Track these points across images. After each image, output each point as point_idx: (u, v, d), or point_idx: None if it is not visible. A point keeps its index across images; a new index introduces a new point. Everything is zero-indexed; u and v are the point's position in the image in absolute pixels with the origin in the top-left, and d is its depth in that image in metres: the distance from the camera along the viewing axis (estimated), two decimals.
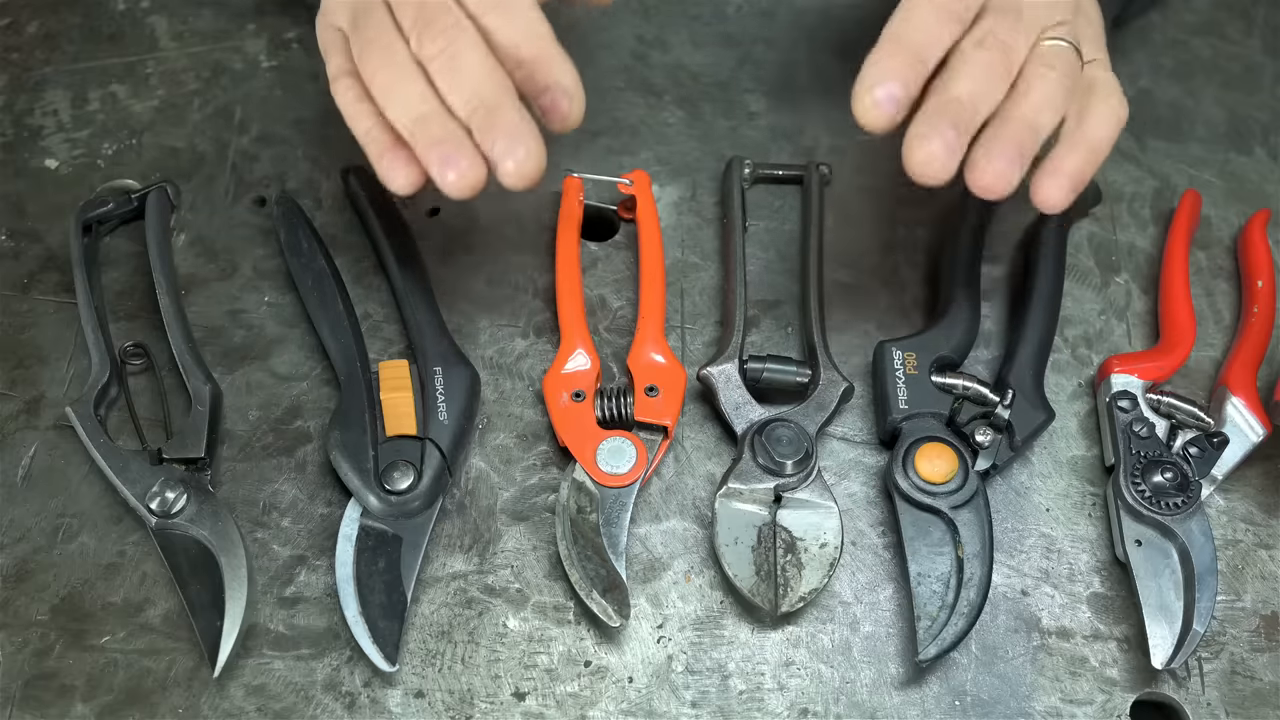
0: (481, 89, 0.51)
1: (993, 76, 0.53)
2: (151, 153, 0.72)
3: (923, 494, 0.59)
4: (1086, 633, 0.59)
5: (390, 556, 0.58)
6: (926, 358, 0.63)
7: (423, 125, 0.52)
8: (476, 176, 0.51)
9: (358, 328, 0.64)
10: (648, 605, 0.59)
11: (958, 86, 0.52)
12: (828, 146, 0.73)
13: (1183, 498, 0.59)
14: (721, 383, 0.62)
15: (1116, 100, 0.57)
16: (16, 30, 0.77)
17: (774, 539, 0.58)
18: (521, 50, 0.52)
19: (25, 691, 0.55)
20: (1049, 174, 0.54)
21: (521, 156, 0.51)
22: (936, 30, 0.53)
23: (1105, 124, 0.56)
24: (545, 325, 0.67)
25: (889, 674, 0.58)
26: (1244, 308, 0.68)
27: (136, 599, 0.58)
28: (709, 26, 0.79)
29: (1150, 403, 0.62)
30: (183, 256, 0.68)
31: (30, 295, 0.66)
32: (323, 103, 0.73)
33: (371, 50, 0.53)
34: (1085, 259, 0.71)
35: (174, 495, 0.58)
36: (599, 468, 0.60)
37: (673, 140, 0.74)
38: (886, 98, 0.51)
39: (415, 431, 0.60)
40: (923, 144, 0.51)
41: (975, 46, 0.53)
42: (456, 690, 0.56)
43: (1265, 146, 0.76)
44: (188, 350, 0.62)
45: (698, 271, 0.69)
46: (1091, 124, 0.56)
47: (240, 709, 0.55)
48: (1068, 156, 0.55)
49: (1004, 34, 0.53)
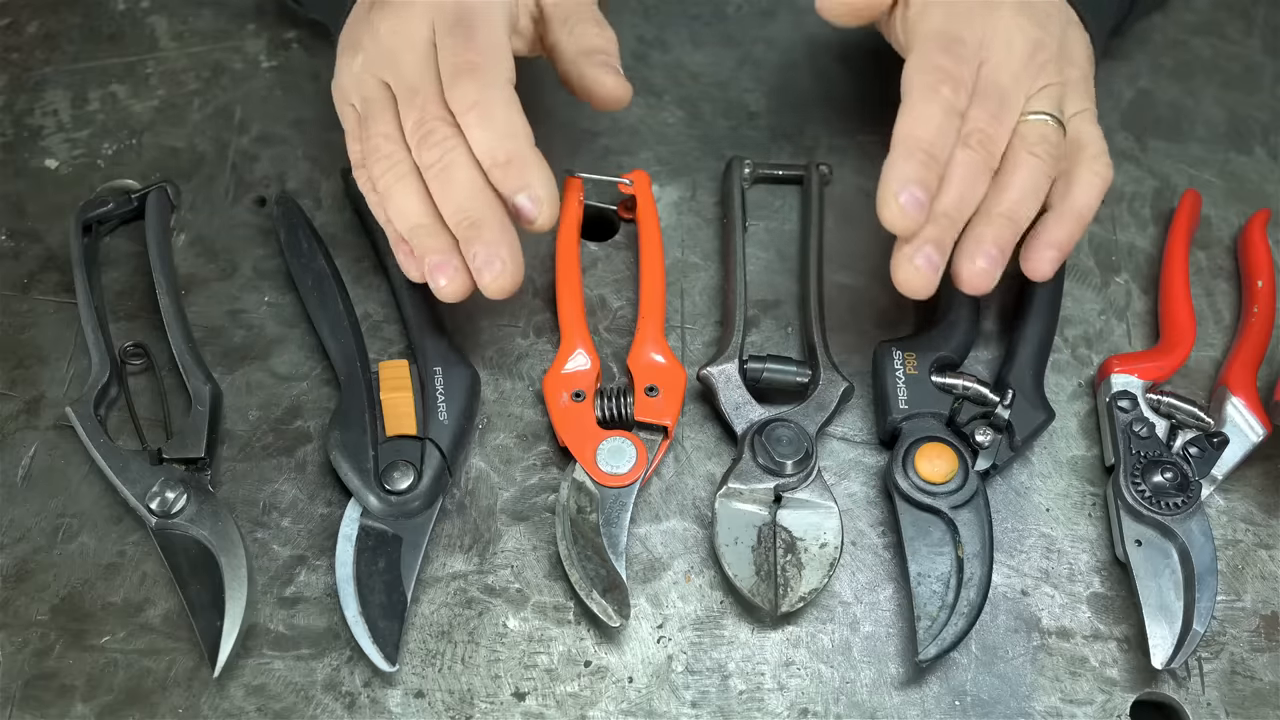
0: (467, 204, 0.56)
1: (976, 178, 0.56)
2: (151, 153, 0.72)
3: (923, 494, 0.59)
4: (1086, 633, 0.59)
5: (390, 556, 0.58)
6: (926, 358, 0.63)
7: (416, 235, 0.58)
8: (463, 284, 0.57)
9: (358, 328, 0.64)
10: (648, 605, 0.59)
11: (944, 198, 0.55)
12: (828, 146, 0.73)
13: (1183, 498, 0.59)
14: (721, 383, 0.62)
15: (1101, 164, 0.59)
16: (16, 30, 0.77)
17: (774, 539, 0.58)
18: (497, 154, 0.56)
19: (25, 691, 0.55)
20: (1038, 248, 0.58)
21: (498, 270, 0.56)
22: (944, 128, 0.55)
23: (1090, 191, 0.59)
24: (545, 325, 0.67)
25: (889, 674, 0.58)
26: (1244, 308, 0.68)
27: (136, 599, 0.58)
28: (709, 26, 0.79)
29: (1150, 403, 0.62)
30: (183, 256, 0.68)
31: (30, 295, 0.66)
32: (323, 103, 0.73)
33: (376, 157, 0.58)
34: (1085, 259, 0.71)
35: (174, 495, 0.58)
36: (599, 468, 0.60)
37: (673, 140, 0.74)
38: (911, 202, 0.54)
39: (415, 431, 0.60)
40: (908, 263, 0.55)
41: (961, 147, 0.55)
42: (456, 690, 0.56)
43: (1265, 146, 0.76)
44: (188, 350, 0.62)
45: (698, 271, 0.69)
46: (1077, 193, 0.59)
47: (240, 709, 0.55)
48: (1056, 229, 0.58)
49: (987, 125, 0.56)
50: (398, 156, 0.58)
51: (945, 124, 0.55)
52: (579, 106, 0.74)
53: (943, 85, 0.55)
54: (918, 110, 0.55)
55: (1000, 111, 0.56)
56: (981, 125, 0.55)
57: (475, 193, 0.56)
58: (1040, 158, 0.56)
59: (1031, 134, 0.57)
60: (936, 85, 0.55)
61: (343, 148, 0.62)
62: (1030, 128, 0.57)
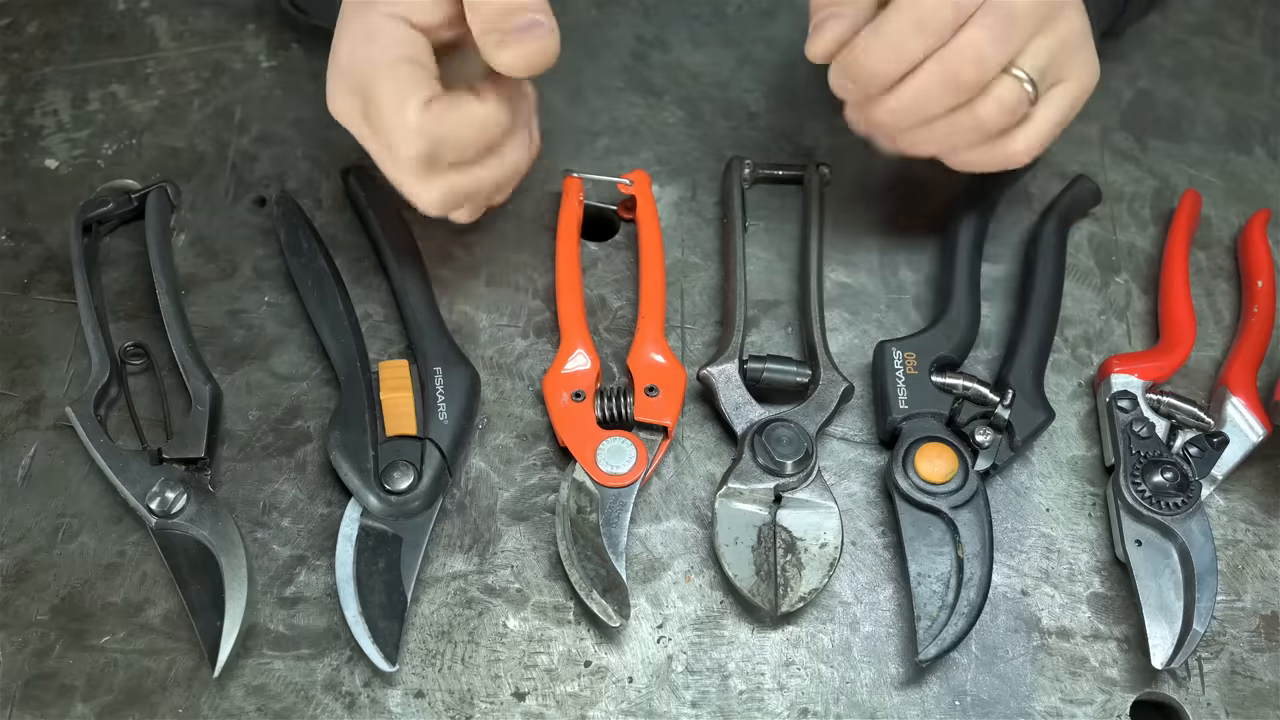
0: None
1: (943, 95, 0.55)
2: (151, 153, 0.72)
3: (923, 494, 0.59)
4: (1086, 633, 0.59)
5: (390, 556, 0.58)
6: (926, 358, 0.63)
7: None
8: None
9: (358, 328, 0.64)
10: (648, 605, 0.59)
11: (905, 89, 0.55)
12: (828, 146, 0.73)
13: (1183, 498, 0.59)
14: (721, 383, 0.62)
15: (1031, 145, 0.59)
16: (16, 30, 0.77)
17: (774, 539, 0.58)
18: None
19: (25, 691, 0.55)
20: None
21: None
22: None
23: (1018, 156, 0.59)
24: (545, 325, 0.67)
25: (889, 674, 0.58)
26: (1244, 308, 0.68)
27: (136, 599, 0.58)
28: (709, 26, 0.79)
29: (1150, 403, 0.62)
30: (183, 256, 0.68)
31: (30, 295, 0.66)
32: (323, 103, 0.73)
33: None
34: (1085, 259, 0.71)
35: (174, 495, 0.58)
36: (599, 468, 0.60)
37: (673, 140, 0.74)
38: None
39: (415, 431, 0.60)
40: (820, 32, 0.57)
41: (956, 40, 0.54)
42: (456, 690, 0.56)
43: (1265, 146, 0.76)
44: (188, 350, 0.62)
45: (698, 271, 0.69)
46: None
47: (240, 709, 0.55)
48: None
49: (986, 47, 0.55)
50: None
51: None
52: (579, 106, 0.74)
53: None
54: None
55: (1007, 34, 0.54)
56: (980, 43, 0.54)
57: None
58: (1001, 117, 0.56)
59: (1009, 95, 0.55)
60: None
61: (343, 148, 0.62)
62: (1009, 88, 0.55)
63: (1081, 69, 0.59)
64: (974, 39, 0.54)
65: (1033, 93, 0.56)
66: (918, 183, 0.71)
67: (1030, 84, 0.56)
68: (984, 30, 0.54)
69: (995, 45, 0.54)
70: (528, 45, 0.54)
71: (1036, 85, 0.56)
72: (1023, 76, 0.55)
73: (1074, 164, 0.73)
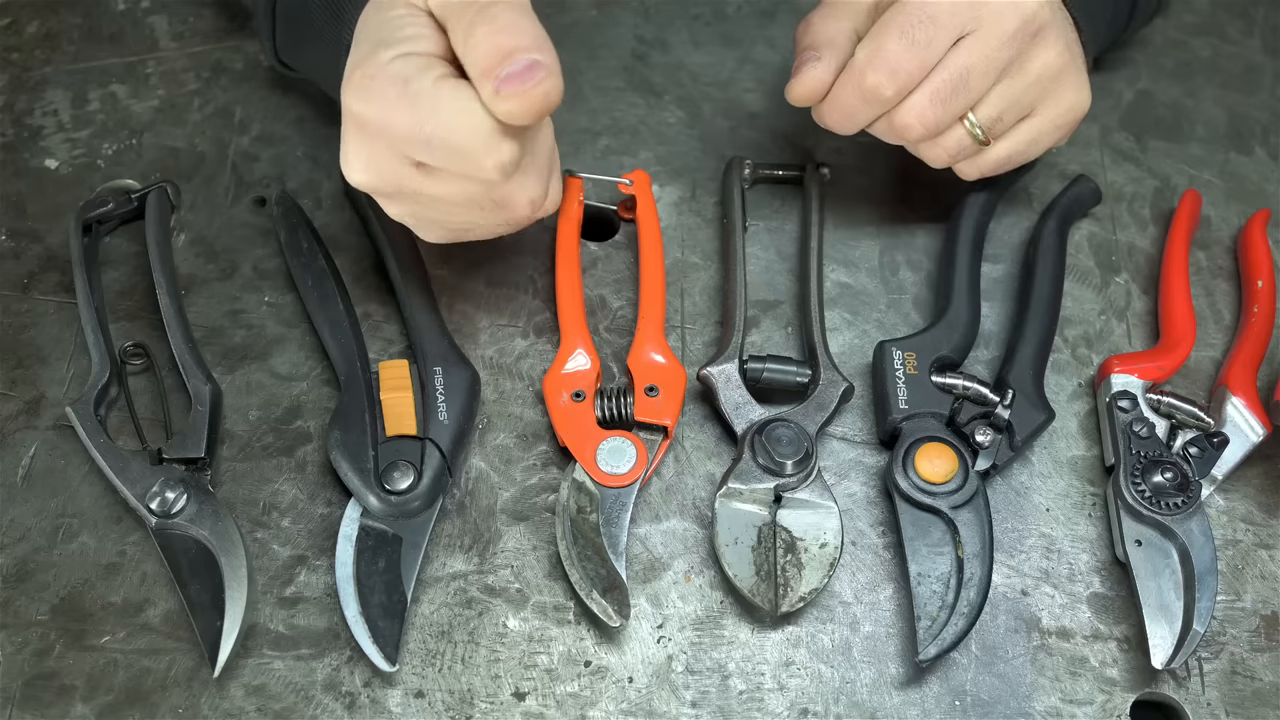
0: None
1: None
2: (151, 153, 0.72)
3: (923, 494, 0.59)
4: (1086, 633, 0.59)
5: (390, 556, 0.58)
6: (926, 358, 0.63)
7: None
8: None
9: (358, 328, 0.64)
10: (648, 605, 0.59)
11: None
12: (828, 146, 0.73)
13: (1183, 498, 0.59)
14: (721, 383, 0.62)
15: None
16: (16, 30, 0.77)
17: (774, 539, 0.58)
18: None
19: (25, 691, 0.55)
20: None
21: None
22: (911, 65, 0.57)
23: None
24: (545, 325, 0.67)
25: (889, 674, 0.58)
26: (1244, 308, 0.68)
27: (136, 599, 0.58)
28: (709, 26, 0.79)
29: (1150, 403, 0.62)
30: (183, 256, 0.68)
31: (30, 295, 0.66)
32: (323, 103, 0.73)
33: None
34: (1085, 259, 0.71)
35: (174, 495, 0.58)
36: (599, 468, 0.60)
37: (673, 140, 0.74)
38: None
39: (415, 431, 0.60)
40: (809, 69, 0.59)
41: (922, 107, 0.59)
42: (456, 690, 0.56)
43: (1265, 146, 0.76)
44: (188, 350, 0.62)
45: (698, 271, 0.69)
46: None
47: (240, 709, 0.55)
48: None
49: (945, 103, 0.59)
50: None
51: (910, 59, 0.57)
52: (578, 106, 0.74)
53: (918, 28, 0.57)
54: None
55: (954, 95, 0.58)
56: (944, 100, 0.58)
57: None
58: (949, 160, 0.61)
59: (954, 144, 0.60)
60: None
61: None
62: (956, 138, 0.60)
63: (1055, 101, 0.61)
64: (916, 105, 0.58)
65: (982, 137, 0.60)
66: (918, 183, 0.71)
67: (980, 130, 0.60)
68: (928, 96, 0.58)
69: (941, 106, 0.58)
70: (529, 92, 0.49)
71: (988, 131, 0.60)
72: (973, 125, 0.60)
73: (1074, 164, 0.73)
